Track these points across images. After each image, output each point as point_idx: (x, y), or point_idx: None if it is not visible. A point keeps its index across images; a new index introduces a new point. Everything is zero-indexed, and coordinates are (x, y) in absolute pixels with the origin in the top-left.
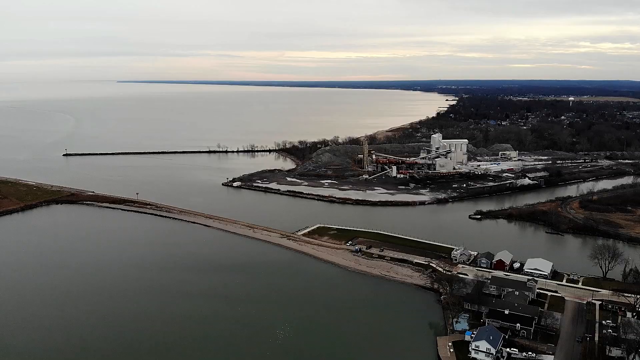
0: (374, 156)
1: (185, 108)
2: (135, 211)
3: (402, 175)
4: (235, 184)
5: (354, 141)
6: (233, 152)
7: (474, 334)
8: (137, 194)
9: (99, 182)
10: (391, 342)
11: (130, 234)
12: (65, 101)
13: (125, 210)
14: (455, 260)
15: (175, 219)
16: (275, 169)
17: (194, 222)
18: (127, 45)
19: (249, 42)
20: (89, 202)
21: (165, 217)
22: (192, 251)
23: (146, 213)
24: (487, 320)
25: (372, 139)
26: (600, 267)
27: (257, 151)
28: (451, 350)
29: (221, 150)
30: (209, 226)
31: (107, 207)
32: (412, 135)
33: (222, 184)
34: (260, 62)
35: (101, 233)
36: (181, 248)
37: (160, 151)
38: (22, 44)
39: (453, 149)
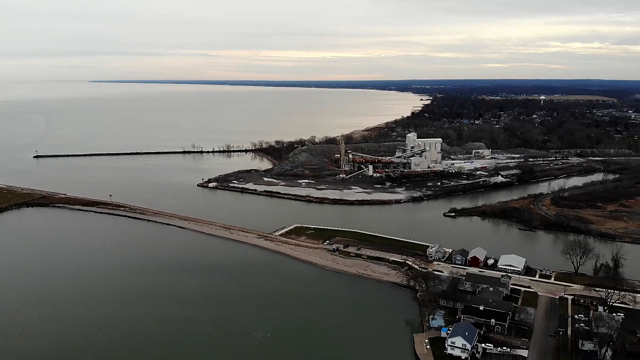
0: (350, 156)
1: (159, 108)
2: (108, 213)
3: (378, 175)
4: (210, 184)
5: (331, 141)
6: (208, 152)
7: (449, 330)
8: (110, 195)
9: (70, 184)
10: (369, 340)
11: (103, 237)
12: (36, 102)
13: (98, 212)
14: (431, 257)
15: (150, 220)
16: (251, 169)
17: (168, 224)
18: (100, 44)
19: (226, 41)
20: (60, 205)
21: (139, 219)
22: (167, 253)
23: (120, 215)
24: (462, 316)
25: (348, 139)
26: (572, 262)
27: (233, 151)
28: (428, 347)
29: (196, 150)
30: (184, 228)
31: (79, 210)
32: (388, 135)
33: (198, 185)
34: (237, 61)
35: (74, 236)
36: (156, 250)
37: (133, 152)
38: None
39: (428, 148)
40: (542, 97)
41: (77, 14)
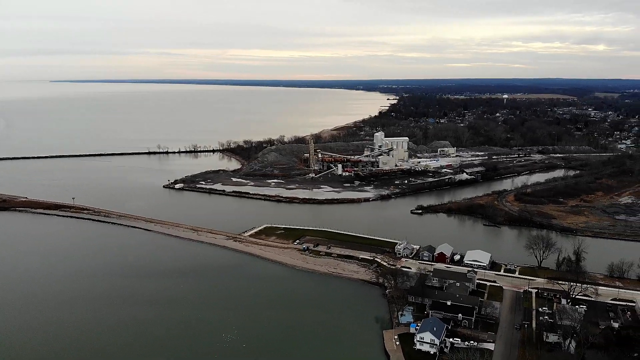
0: (319, 155)
1: (122, 108)
2: (71, 217)
3: (347, 173)
4: (177, 185)
5: (300, 140)
6: (174, 152)
7: (418, 326)
8: (73, 198)
9: (31, 187)
10: (339, 338)
11: (67, 241)
12: None
13: (61, 216)
14: (399, 254)
15: (115, 223)
16: (219, 170)
17: (134, 227)
18: (60, 43)
19: (191, 39)
20: (21, 209)
21: (103, 222)
22: (133, 256)
23: (83, 219)
24: (430, 312)
25: (317, 138)
26: (536, 256)
27: (200, 151)
28: (397, 343)
29: (162, 151)
30: (150, 230)
31: (41, 214)
32: (356, 134)
33: (164, 186)
34: (202, 60)
35: (36, 240)
36: (121, 254)
37: (95, 153)
38: None
39: (395, 147)
40: (505, 96)
41: (37, 12)
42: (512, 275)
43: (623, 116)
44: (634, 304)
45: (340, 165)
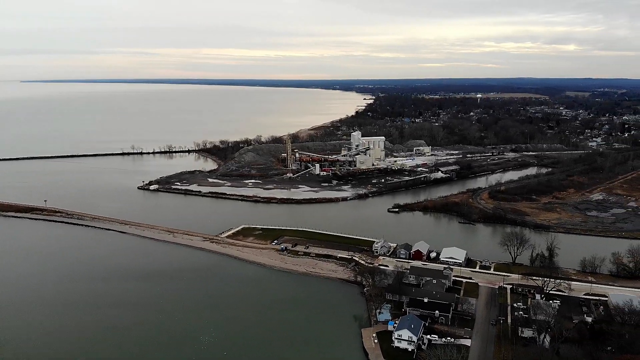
0: (297, 155)
1: (96, 108)
2: (44, 220)
3: (325, 173)
4: (152, 187)
5: (277, 140)
6: (149, 153)
7: (396, 323)
8: (45, 201)
9: (1, 189)
10: (318, 337)
11: (40, 244)
12: None
13: (33, 219)
14: (377, 252)
15: (89, 226)
16: (195, 170)
17: (108, 229)
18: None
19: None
20: None
21: (77, 224)
22: (108, 259)
23: (56, 221)
24: (408, 309)
25: (295, 138)
26: (510, 253)
27: (175, 152)
28: (375, 341)
29: (136, 152)
30: (125, 232)
31: (12, 217)
32: (333, 134)
33: (138, 188)
34: (177, 59)
35: (7, 244)
36: (96, 256)
37: (68, 155)
38: None
39: (372, 146)
40: (479, 96)
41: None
42: (488, 271)
43: (593, 114)
44: (606, 299)
45: (318, 165)
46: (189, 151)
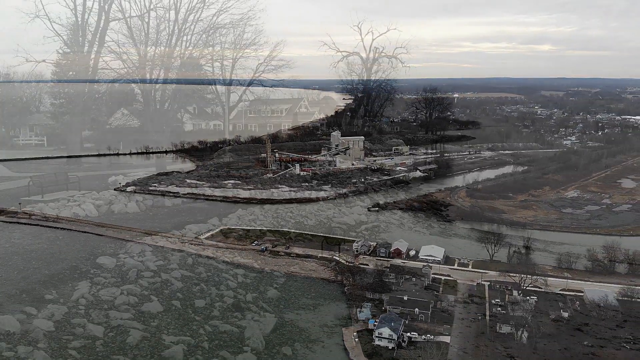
0: (277, 155)
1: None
2: (17, 222)
3: (305, 173)
4: (129, 188)
5: (257, 140)
6: (125, 154)
7: (377, 322)
8: (19, 203)
9: None
10: (299, 338)
11: (14, 249)
12: None
13: (6, 222)
14: (357, 251)
15: (64, 229)
16: (173, 171)
17: (85, 232)
18: None
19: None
20: None
21: (52, 227)
22: (84, 263)
23: (31, 224)
24: (388, 307)
25: (274, 138)
26: (487, 250)
27: (152, 152)
28: (356, 340)
29: (111, 152)
30: (102, 235)
31: None
32: (313, 133)
33: (115, 189)
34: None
35: None
36: (71, 259)
37: (42, 156)
38: None
39: (351, 146)
40: (456, 95)
41: None
42: (466, 269)
43: (568, 113)
44: (582, 294)
45: (298, 165)
46: (166, 152)
